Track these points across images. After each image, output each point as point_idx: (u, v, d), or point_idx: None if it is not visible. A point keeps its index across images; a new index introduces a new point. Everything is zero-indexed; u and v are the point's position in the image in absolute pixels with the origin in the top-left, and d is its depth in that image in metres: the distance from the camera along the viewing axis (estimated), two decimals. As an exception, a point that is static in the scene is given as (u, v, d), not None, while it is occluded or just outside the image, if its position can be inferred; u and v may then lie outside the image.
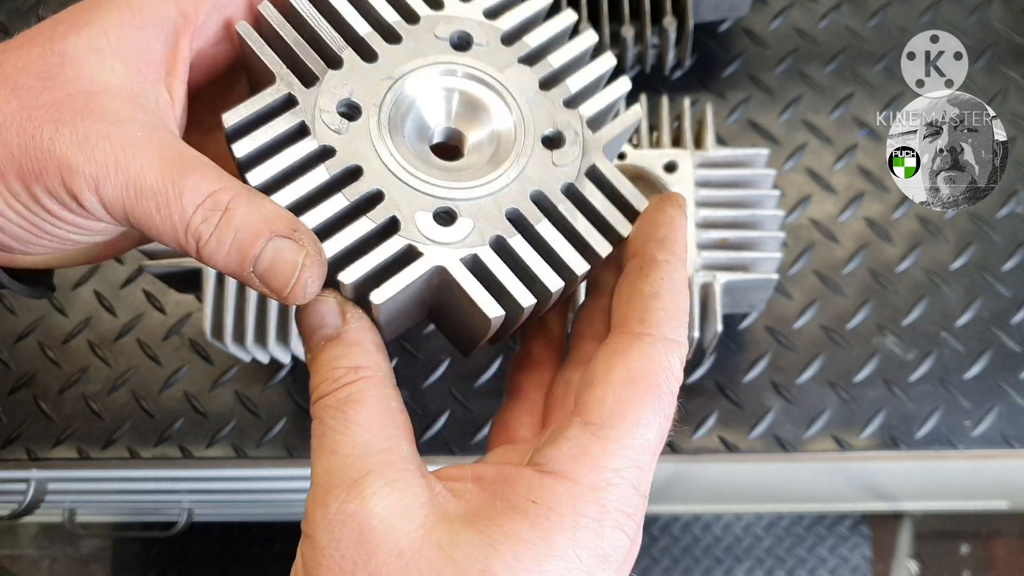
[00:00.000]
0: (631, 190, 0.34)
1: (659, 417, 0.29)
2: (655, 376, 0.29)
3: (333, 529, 0.27)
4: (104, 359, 0.70)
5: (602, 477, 0.28)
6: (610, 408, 0.28)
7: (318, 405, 0.30)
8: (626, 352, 0.29)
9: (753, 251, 0.58)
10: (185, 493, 0.99)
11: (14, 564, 1.50)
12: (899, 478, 1.13)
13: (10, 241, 0.30)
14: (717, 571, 1.42)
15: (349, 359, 0.30)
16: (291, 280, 0.29)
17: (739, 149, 0.61)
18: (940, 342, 0.66)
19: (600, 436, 0.28)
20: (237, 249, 0.29)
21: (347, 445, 0.29)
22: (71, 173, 0.28)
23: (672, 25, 0.68)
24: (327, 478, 0.28)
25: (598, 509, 0.27)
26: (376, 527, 0.27)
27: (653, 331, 0.30)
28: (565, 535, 0.27)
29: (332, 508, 0.27)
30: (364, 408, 0.29)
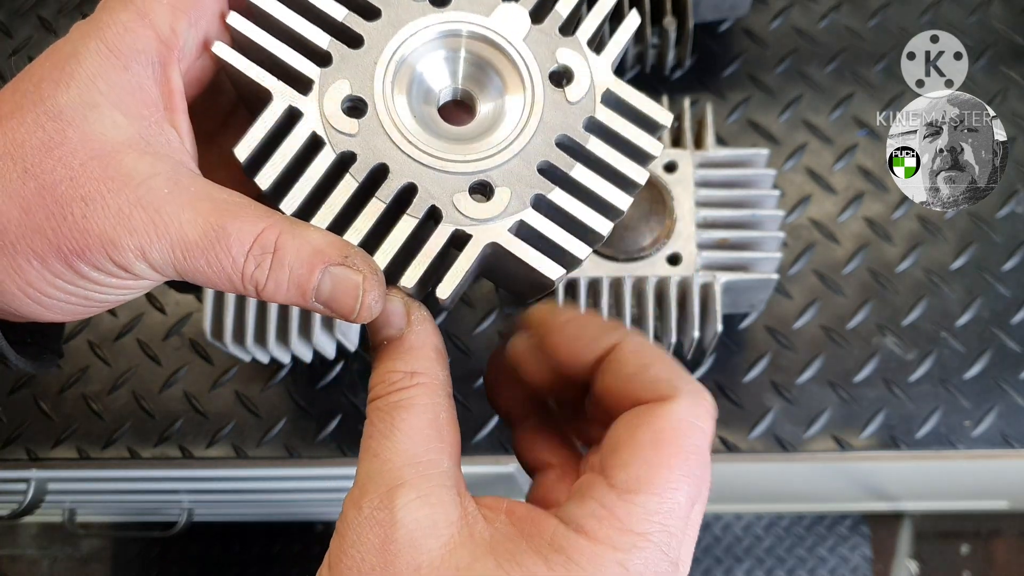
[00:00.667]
0: (651, 105, 0.33)
1: (688, 480, 0.28)
2: (682, 437, 0.28)
3: (361, 531, 0.28)
4: (104, 359, 0.70)
5: (626, 540, 0.27)
6: (635, 472, 0.28)
7: (371, 406, 0.31)
8: (651, 416, 0.29)
9: (753, 251, 0.58)
10: (185, 493, 0.99)
11: (14, 564, 1.50)
12: (899, 478, 1.13)
13: (48, 314, 0.30)
14: (717, 571, 1.42)
15: (407, 363, 0.31)
16: (356, 305, 0.29)
17: (739, 149, 0.61)
18: (940, 342, 0.66)
19: (625, 499, 0.28)
20: (296, 286, 0.29)
21: (389, 451, 0.29)
22: (115, 248, 0.28)
23: (672, 25, 0.68)
24: (365, 480, 0.29)
25: (621, 571, 0.27)
26: (400, 539, 0.27)
27: (671, 392, 0.29)
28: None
29: (364, 511, 0.28)
30: (411, 416, 0.30)
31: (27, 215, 0.27)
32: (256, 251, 0.28)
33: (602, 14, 0.34)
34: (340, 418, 0.67)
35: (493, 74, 0.33)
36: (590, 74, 0.32)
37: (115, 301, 0.31)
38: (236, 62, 0.31)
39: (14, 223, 0.27)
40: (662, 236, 0.57)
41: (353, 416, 0.67)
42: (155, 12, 0.29)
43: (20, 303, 0.29)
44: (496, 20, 0.32)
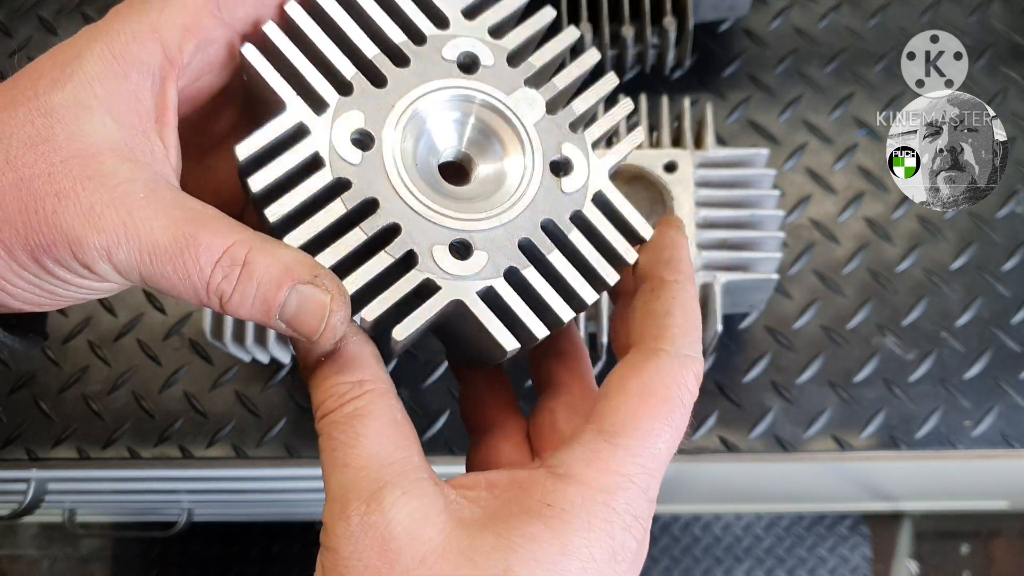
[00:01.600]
0: (637, 218, 0.35)
1: (670, 429, 0.30)
2: (668, 389, 0.30)
3: (356, 541, 0.28)
4: (104, 359, 0.70)
5: (612, 481, 0.29)
6: (623, 418, 0.30)
7: (325, 421, 0.30)
8: (641, 366, 0.31)
9: (753, 251, 0.58)
10: (185, 493, 0.99)
11: (14, 564, 1.50)
12: (899, 478, 1.13)
13: (16, 303, 0.30)
14: (717, 571, 1.42)
15: (351, 374, 0.30)
16: (320, 326, 0.29)
17: (739, 149, 0.61)
18: (940, 342, 0.66)
19: (612, 443, 0.29)
20: (261, 301, 0.29)
21: (360, 458, 0.29)
22: (81, 246, 0.28)
23: (672, 25, 0.68)
24: (343, 491, 0.29)
25: (608, 511, 0.28)
26: (398, 535, 0.27)
27: (667, 347, 0.31)
28: (579, 535, 0.28)
29: (353, 521, 0.28)
30: (372, 421, 0.30)
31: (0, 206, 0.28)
32: (225, 262, 0.28)
33: (613, 121, 0.35)
34: (340, 418, 0.67)
35: (497, 145, 0.34)
36: (588, 173, 0.34)
37: (80, 298, 0.31)
38: (261, 67, 0.31)
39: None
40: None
41: (353, 416, 0.67)
42: (166, 29, 0.30)
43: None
44: (514, 100, 0.34)
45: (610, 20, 0.68)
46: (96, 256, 0.28)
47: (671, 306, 0.32)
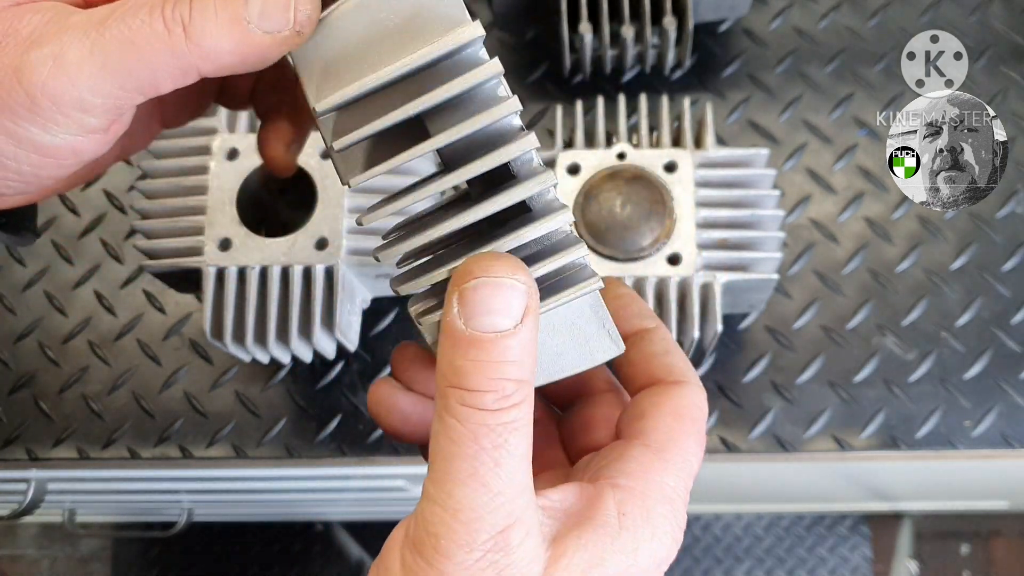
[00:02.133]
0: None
1: (700, 448, 0.33)
2: (695, 413, 0.34)
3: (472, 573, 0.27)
4: (104, 359, 0.70)
5: (665, 493, 0.31)
6: (666, 436, 0.32)
7: (477, 419, 0.26)
8: (670, 394, 0.34)
9: (753, 251, 0.58)
10: (185, 493, 1.00)
11: (14, 564, 1.50)
12: (899, 478, 1.13)
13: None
14: (717, 571, 1.42)
15: (520, 370, 0.27)
16: (289, 14, 0.27)
17: (739, 149, 0.61)
18: (940, 342, 0.66)
19: (662, 458, 0.32)
20: (224, 7, 0.27)
21: (501, 482, 0.26)
22: (27, 67, 0.26)
23: (672, 25, 0.68)
24: (474, 515, 0.26)
25: (665, 521, 0.31)
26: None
27: (686, 379, 0.35)
28: (646, 545, 0.30)
29: (476, 554, 0.26)
30: (523, 441, 0.27)
31: None
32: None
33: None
34: (340, 418, 0.67)
35: None
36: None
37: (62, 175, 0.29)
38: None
39: None
40: (662, 236, 0.57)
41: (353, 416, 0.67)
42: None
43: None
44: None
45: (610, 20, 0.68)
46: (46, 72, 0.26)
47: (667, 346, 0.36)
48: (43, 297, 0.71)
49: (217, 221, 0.58)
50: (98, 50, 0.26)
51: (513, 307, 0.27)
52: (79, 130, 0.28)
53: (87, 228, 0.73)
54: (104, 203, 0.73)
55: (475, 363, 0.26)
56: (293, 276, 0.57)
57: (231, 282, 0.58)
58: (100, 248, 0.72)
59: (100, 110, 0.28)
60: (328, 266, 0.57)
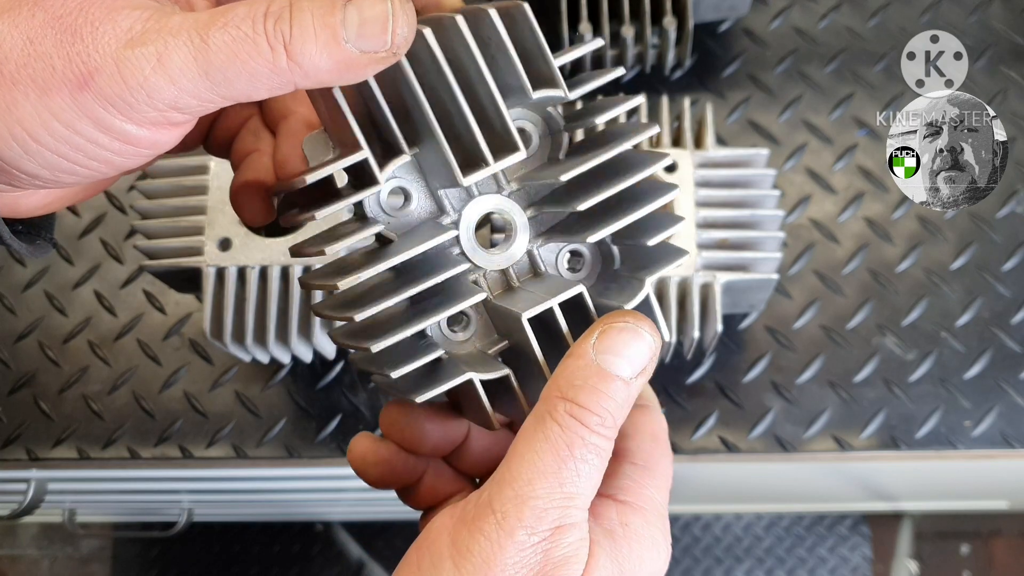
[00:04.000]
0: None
1: (671, 465, 0.36)
2: (664, 433, 0.37)
3: (527, 555, 0.29)
4: (104, 359, 0.70)
5: (653, 505, 0.34)
6: (647, 454, 0.35)
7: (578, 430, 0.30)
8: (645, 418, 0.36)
9: (753, 251, 0.58)
10: (185, 493, 0.99)
11: (14, 564, 1.50)
12: (899, 478, 1.13)
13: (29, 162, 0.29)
14: (717, 571, 1.42)
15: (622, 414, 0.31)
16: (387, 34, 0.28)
17: (739, 149, 0.61)
18: (940, 342, 0.66)
19: (651, 474, 0.34)
20: (322, 26, 0.28)
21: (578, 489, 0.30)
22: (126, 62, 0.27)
23: (672, 25, 0.68)
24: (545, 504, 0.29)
25: (660, 533, 0.33)
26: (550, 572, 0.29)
27: (653, 404, 0.38)
28: (649, 552, 0.32)
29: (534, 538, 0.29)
30: (601, 466, 0.31)
31: (32, 44, 0.27)
32: (273, 8, 0.28)
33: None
34: (340, 418, 0.67)
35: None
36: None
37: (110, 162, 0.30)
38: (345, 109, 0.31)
39: (17, 52, 0.27)
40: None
41: (353, 416, 0.67)
42: None
43: (4, 146, 0.28)
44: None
45: (610, 20, 0.68)
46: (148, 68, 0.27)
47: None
48: (43, 297, 0.71)
49: (217, 221, 0.58)
50: (201, 58, 0.27)
51: (636, 359, 0.31)
52: (166, 124, 0.29)
53: (87, 228, 0.73)
54: (104, 203, 0.73)
55: (593, 389, 0.30)
56: (293, 276, 0.57)
57: (231, 282, 0.58)
58: (100, 248, 0.72)
59: (193, 111, 0.29)
60: (328, 266, 0.57)
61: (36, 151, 0.28)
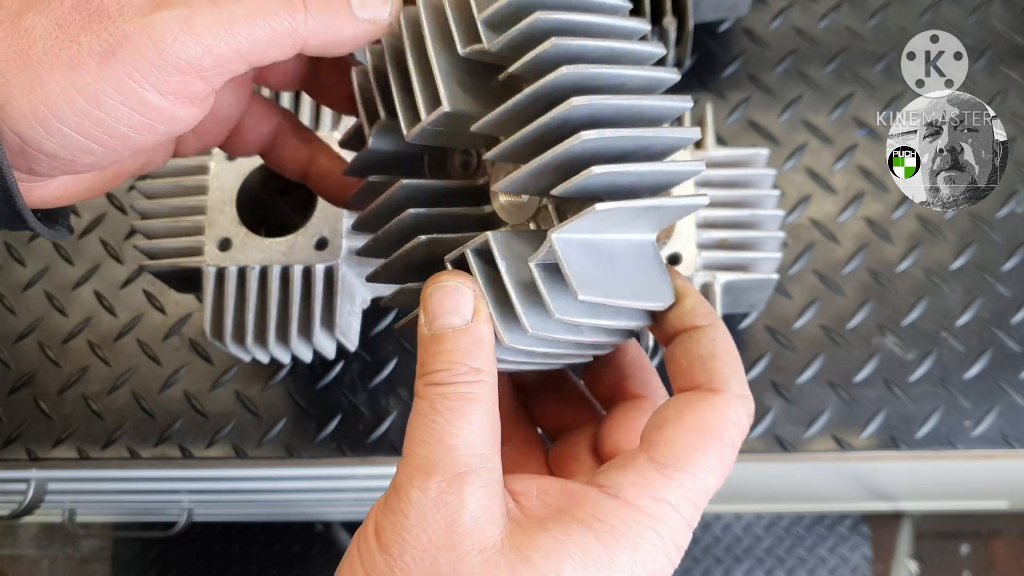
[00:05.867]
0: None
1: (721, 466, 0.31)
2: (724, 429, 0.32)
3: (427, 512, 0.29)
4: (104, 359, 0.70)
5: (660, 509, 0.30)
6: (678, 451, 0.31)
7: (434, 391, 0.31)
8: (698, 404, 0.32)
9: (753, 251, 0.58)
10: (185, 493, 0.99)
11: (14, 564, 1.50)
12: (899, 478, 1.13)
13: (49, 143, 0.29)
14: (717, 571, 1.42)
15: (474, 358, 0.31)
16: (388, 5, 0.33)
17: (739, 149, 0.61)
18: (940, 342, 0.66)
19: (664, 474, 0.31)
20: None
21: (456, 438, 0.30)
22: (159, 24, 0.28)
23: (672, 25, 0.68)
24: (430, 463, 0.30)
25: (655, 536, 0.30)
26: (466, 522, 0.29)
27: (723, 388, 0.32)
28: (627, 554, 0.29)
29: (432, 493, 0.29)
30: (478, 411, 0.31)
31: (60, 28, 0.28)
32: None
33: None
34: (340, 418, 0.67)
35: None
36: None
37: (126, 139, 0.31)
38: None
39: (45, 36, 0.28)
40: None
41: (353, 416, 0.67)
42: None
43: (27, 127, 0.28)
44: None
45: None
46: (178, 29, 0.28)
47: (714, 348, 0.33)
48: (43, 297, 0.71)
49: (217, 221, 0.58)
50: (226, 16, 0.29)
51: (462, 307, 0.31)
52: (184, 96, 0.30)
53: (87, 228, 0.73)
54: (104, 203, 0.73)
55: (435, 353, 0.31)
56: (293, 276, 0.57)
57: (231, 282, 0.58)
58: (100, 248, 0.72)
59: (213, 73, 0.30)
60: (328, 266, 0.57)
61: (57, 130, 0.29)
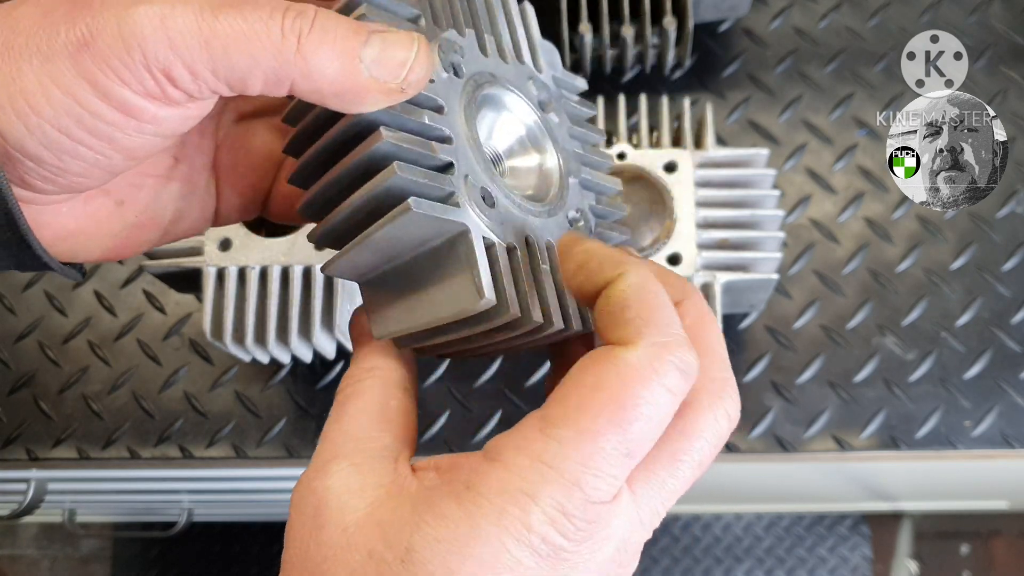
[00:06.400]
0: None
1: (617, 428, 0.27)
2: (625, 383, 0.27)
3: (299, 503, 0.30)
4: (104, 359, 0.70)
5: (538, 472, 0.26)
6: (566, 410, 0.27)
7: (335, 398, 0.33)
8: (601, 358, 0.28)
9: (753, 251, 0.58)
10: (185, 493, 1.00)
11: (14, 564, 1.50)
12: (899, 478, 1.13)
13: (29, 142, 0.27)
14: (717, 571, 1.42)
15: (368, 360, 0.33)
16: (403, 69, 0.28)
17: (739, 149, 0.61)
18: (940, 342, 0.66)
19: (547, 433, 0.27)
20: (344, 36, 0.27)
21: (334, 432, 0.31)
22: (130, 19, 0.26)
23: (672, 25, 0.68)
24: (313, 458, 0.31)
25: (526, 500, 0.26)
26: (330, 502, 0.29)
27: (634, 339, 0.27)
28: (489, 521, 0.26)
29: (302, 484, 0.30)
30: (360, 402, 0.32)
31: (45, 17, 0.27)
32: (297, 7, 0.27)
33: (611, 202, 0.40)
34: (340, 418, 0.67)
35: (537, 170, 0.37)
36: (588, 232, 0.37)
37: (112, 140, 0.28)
38: None
39: (29, 26, 0.27)
40: (662, 236, 0.57)
41: (353, 416, 0.67)
42: None
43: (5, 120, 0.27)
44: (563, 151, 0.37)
45: (610, 20, 0.68)
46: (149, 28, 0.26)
47: (625, 298, 0.28)
48: (43, 297, 0.71)
49: (217, 221, 0.58)
50: (207, 27, 0.26)
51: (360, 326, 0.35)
52: (165, 96, 0.28)
53: (87, 228, 0.73)
54: (104, 203, 0.73)
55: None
56: (293, 276, 0.57)
57: (231, 282, 0.58)
58: (100, 248, 0.72)
59: (186, 86, 0.27)
60: (328, 266, 0.57)
61: (37, 125, 0.27)
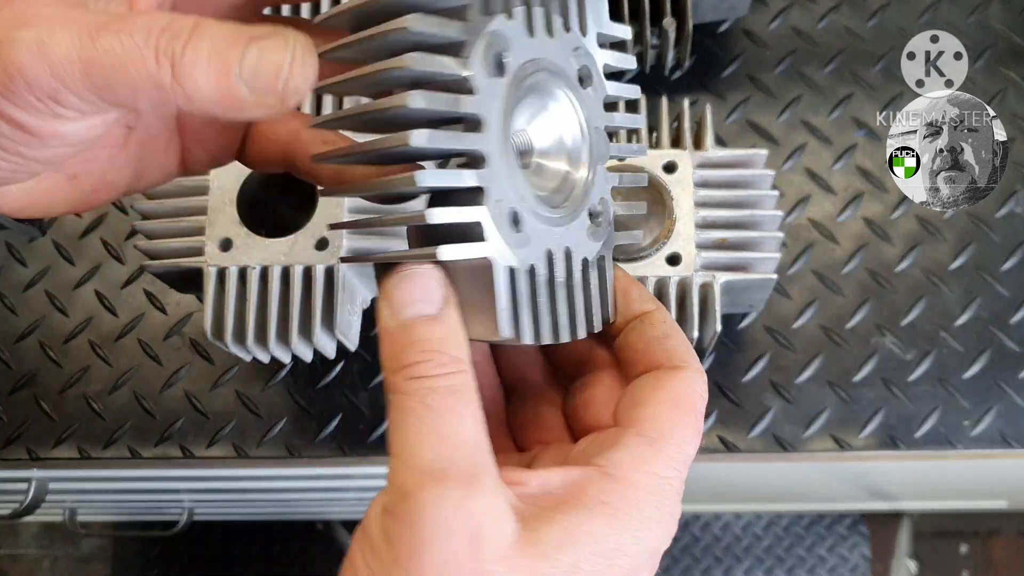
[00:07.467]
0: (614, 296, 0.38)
1: (696, 436, 0.33)
2: (693, 401, 0.34)
3: (447, 523, 0.27)
4: (105, 359, 0.70)
5: (657, 484, 0.31)
6: (661, 425, 0.32)
7: (420, 385, 0.29)
8: (668, 380, 0.34)
9: (752, 251, 0.58)
10: (186, 493, 1.00)
11: (15, 564, 1.50)
12: (898, 478, 1.13)
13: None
14: (716, 570, 1.42)
15: (452, 348, 0.30)
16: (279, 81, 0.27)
17: (738, 149, 0.61)
18: (939, 342, 0.66)
19: (656, 448, 0.32)
20: (217, 57, 0.26)
21: (458, 435, 0.29)
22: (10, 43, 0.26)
23: (672, 26, 0.68)
24: (439, 465, 0.28)
25: (656, 512, 0.31)
26: (487, 525, 0.28)
27: (686, 364, 0.34)
28: (631, 533, 0.30)
29: (450, 500, 0.27)
30: (471, 404, 0.29)
31: None
32: (174, 26, 0.26)
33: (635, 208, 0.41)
34: (340, 418, 0.67)
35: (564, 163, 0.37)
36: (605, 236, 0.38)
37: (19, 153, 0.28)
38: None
39: None
40: (661, 236, 0.58)
41: (353, 416, 0.67)
42: None
43: None
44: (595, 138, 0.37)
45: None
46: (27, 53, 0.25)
47: (667, 329, 0.36)
48: (44, 297, 0.72)
49: (218, 221, 0.58)
50: (85, 56, 0.26)
51: (432, 293, 0.30)
52: (55, 118, 0.27)
53: (88, 228, 0.73)
54: (105, 203, 0.74)
55: (408, 344, 0.29)
56: (293, 276, 0.57)
57: (232, 282, 0.58)
58: (101, 248, 0.72)
59: (78, 109, 0.27)
60: (328, 266, 0.58)
61: None
